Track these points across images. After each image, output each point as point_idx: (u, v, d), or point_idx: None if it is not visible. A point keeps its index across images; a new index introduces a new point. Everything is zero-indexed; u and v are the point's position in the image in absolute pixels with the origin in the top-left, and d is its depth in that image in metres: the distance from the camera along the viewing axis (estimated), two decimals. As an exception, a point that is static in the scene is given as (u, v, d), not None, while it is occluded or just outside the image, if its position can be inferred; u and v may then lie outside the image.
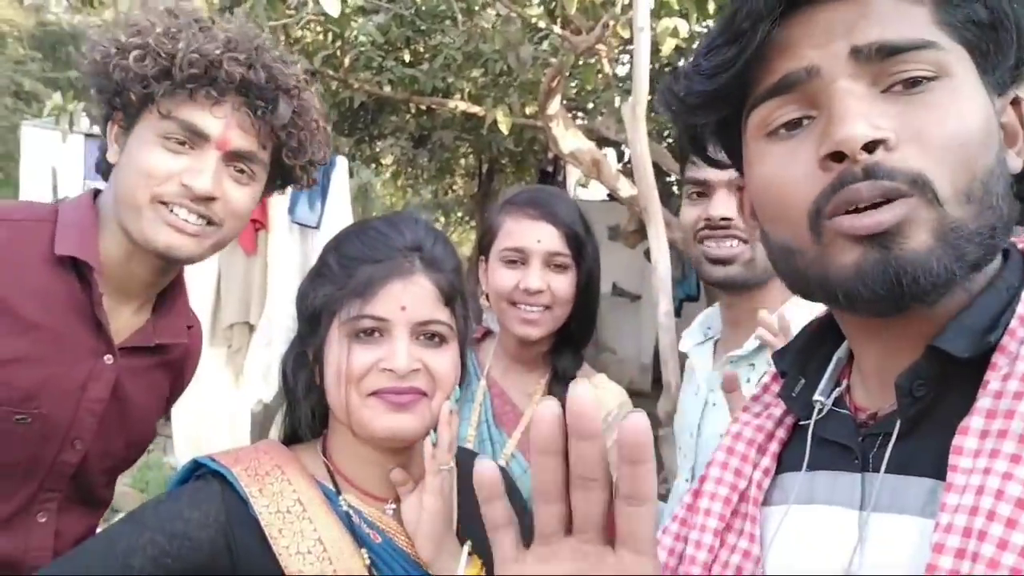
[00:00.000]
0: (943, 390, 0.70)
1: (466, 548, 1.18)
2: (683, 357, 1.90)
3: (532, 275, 1.63)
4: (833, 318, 0.83)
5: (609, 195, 7.17)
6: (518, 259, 1.65)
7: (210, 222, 1.34)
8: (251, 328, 4.75)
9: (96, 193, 1.44)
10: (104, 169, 1.43)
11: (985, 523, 0.59)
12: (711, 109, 0.80)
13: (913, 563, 0.64)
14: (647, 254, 6.36)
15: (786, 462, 0.84)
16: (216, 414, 4.78)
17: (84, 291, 1.34)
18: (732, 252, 1.56)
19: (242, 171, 1.36)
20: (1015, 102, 0.74)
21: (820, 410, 0.80)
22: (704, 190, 1.60)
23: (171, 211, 1.30)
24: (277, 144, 1.38)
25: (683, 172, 1.68)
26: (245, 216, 1.41)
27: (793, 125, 0.73)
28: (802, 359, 0.86)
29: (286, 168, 1.44)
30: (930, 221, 0.65)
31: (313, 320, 1.19)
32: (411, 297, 1.14)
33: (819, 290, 0.73)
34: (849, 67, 0.68)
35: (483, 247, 1.77)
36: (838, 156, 0.67)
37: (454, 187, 11.93)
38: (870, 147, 0.66)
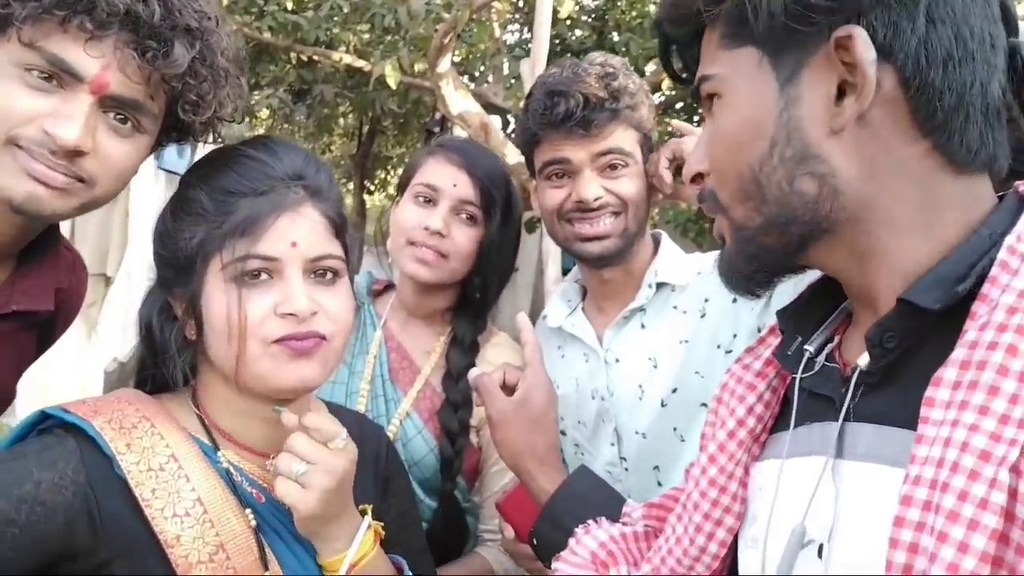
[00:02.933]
0: (920, 341, 0.70)
1: (367, 519, 1.10)
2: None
3: (437, 215, 1.58)
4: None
5: (492, 164, 7.14)
6: (430, 197, 1.61)
7: (79, 179, 1.09)
8: (108, 280, 4.41)
9: None
10: None
11: (949, 475, 0.59)
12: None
13: (888, 513, 0.63)
14: (527, 225, 6.39)
15: (783, 417, 0.85)
16: (65, 372, 4.41)
17: None
18: (607, 228, 1.54)
19: (123, 120, 1.11)
20: (842, 45, 0.68)
21: (808, 361, 0.80)
22: (566, 169, 1.55)
23: (32, 157, 1.05)
24: (172, 94, 1.14)
25: (531, 153, 1.62)
26: (126, 175, 1.15)
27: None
28: (801, 316, 0.87)
29: (183, 122, 1.18)
30: (728, 228, 0.79)
31: (183, 266, 1.05)
32: (302, 231, 1.03)
33: None
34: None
35: (400, 184, 1.72)
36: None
37: (332, 147, 11.57)
38: (696, 179, 0.82)
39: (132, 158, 1.14)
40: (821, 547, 0.71)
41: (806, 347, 0.81)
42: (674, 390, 1.53)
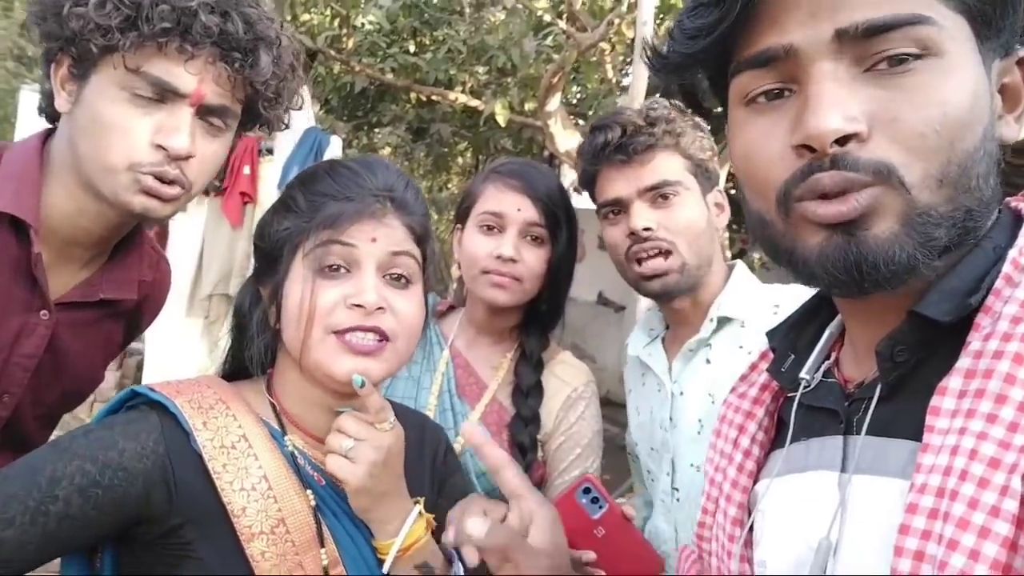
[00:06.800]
0: (927, 354, 0.69)
1: (418, 507, 1.15)
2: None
3: (507, 243, 1.62)
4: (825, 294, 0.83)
5: (602, 203, 7.17)
6: (495, 225, 1.65)
7: (182, 185, 1.25)
8: (230, 300, 4.71)
9: (48, 134, 1.33)
10: (50, 113, 1.31)
11: (957, 483, 0.58)
12: (692, 70, 0.79)
13: (893, 524, 0.63)
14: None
15: (783, 434, 0.85)
16: (189, 384, 4.72)
17: (22, 247, 1.25)
18: (662, 266, 1.58)
19: (213, 123, 1.27)
20: (1021, 62, 0.71)
21: (807, 385, 0.80)
22: (619, 207, 1.61)
23: (148, 177, 1.21)
24: (252, 95, 1.29)
25: (593, 198, 1.69)
26: (216, 169, 1.32)
27: (773, 95, 0.71)
28: (793, 335, 0.87)
29: (257, 114, 1.35)
30: (896, 207, 0.65)
31: (273, 255, 1.14)
32: (382, 233, 1.11)
33: (787, 263, 0.74)
34: (831, 48, 0.65)
35: (460, 214, 1.75)
36: (809, 148, 0.66)
37: (449, 185, 11.91)
38: (842, 141, 0.65)
39: (220, 154, 1.31)
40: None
41: (803, 375, 0.81)
42: None
